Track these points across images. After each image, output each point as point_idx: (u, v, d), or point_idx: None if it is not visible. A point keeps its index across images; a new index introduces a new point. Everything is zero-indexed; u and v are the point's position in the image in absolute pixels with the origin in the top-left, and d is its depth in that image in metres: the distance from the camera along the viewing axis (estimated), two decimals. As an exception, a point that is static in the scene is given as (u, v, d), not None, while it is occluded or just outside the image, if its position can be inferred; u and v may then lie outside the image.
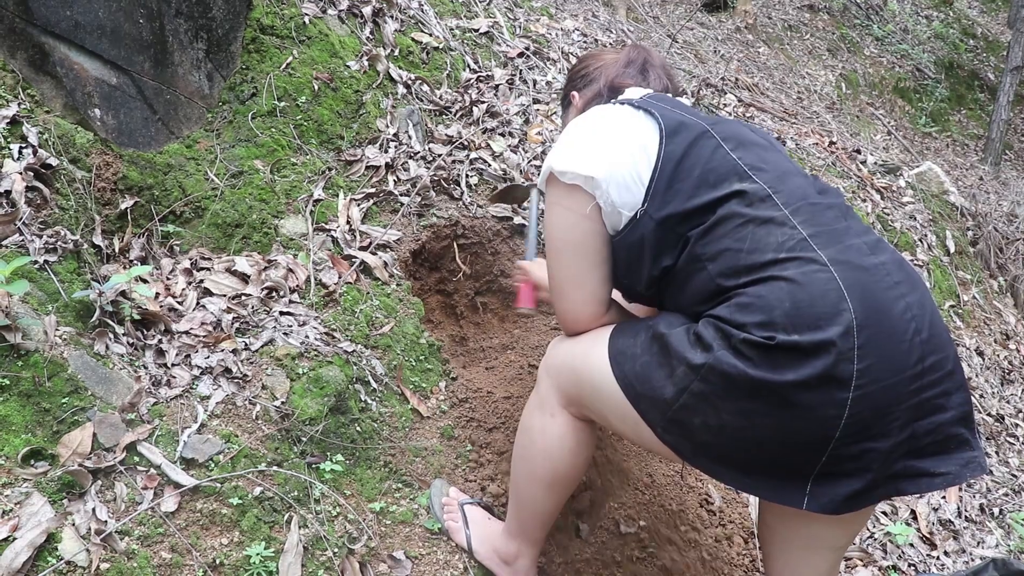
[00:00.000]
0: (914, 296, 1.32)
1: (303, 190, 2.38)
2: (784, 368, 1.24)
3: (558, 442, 1.62)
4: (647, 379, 1.40)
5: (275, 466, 1.72)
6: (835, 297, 1.26)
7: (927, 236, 4.59)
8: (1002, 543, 2.92)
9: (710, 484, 2.40)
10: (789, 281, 1.28)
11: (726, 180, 1.42)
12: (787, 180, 1.44)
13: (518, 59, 3.47)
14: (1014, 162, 10.22)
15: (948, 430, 1.31)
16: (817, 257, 1.31)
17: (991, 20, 13.01)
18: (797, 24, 9.79)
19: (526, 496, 1.71)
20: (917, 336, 1.28)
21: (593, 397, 1.53)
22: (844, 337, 1.23)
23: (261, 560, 1.57)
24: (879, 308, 1.27)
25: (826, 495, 1.28)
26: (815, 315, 1.25)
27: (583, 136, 1.53)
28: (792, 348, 1.23)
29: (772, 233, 1.35)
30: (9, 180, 1.82)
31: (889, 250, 1.39)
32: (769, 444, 1.28)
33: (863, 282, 1.29)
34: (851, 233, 1.38)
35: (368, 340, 2.13)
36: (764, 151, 1.50)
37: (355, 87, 2.69)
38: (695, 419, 1.33)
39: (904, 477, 1.30)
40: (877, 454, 1.26)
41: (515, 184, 2.49)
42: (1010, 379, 4.11)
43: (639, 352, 1.43)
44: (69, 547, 1.42)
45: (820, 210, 1.41)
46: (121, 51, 2.11)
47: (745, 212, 1.38)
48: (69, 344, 1.65)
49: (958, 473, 1.31)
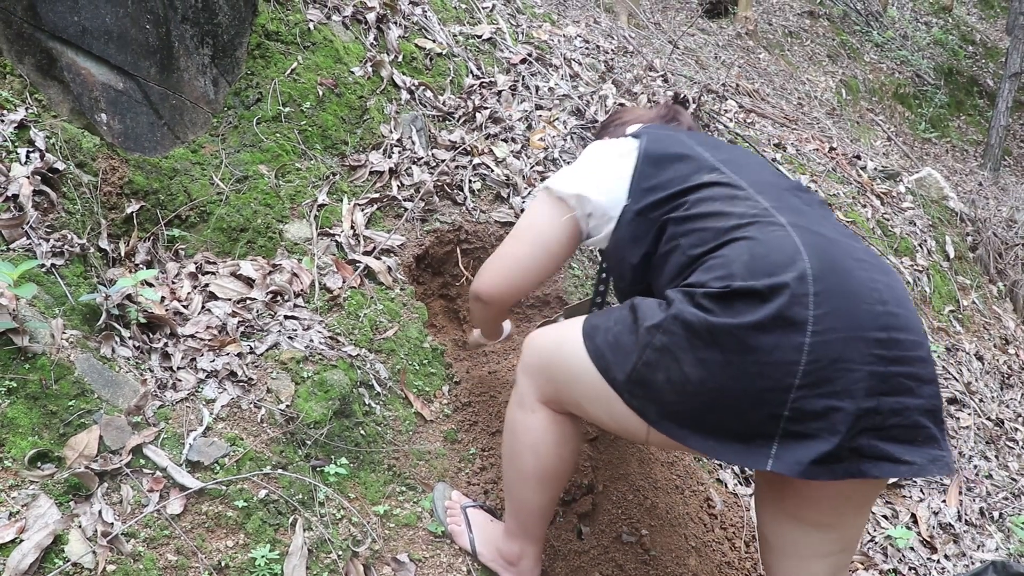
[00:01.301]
0: (883, 277, 1.35)
1: (307, 195, 2.39)
2: (742, 312, 1.27)
3: (541, 436, 1.64)
4: (618, 346, 1.43)
5: (280, 469, 1.73)
6: (791, 250, 1.32)
7: (927, 241, 4.61)
8: (1002, 547, 2.93)
9: (711, 488, 2.41)
10: (749, 239, 1.36)
11: (698, 172, 1.54)
12: (757, 173, 1.56)
13: (521, 65, 3.49)
14: (1013, 167, 10.25)
15: (916, 417, 1.29)
16: (776, 220, 1.39)
17: (990, 27, 13.04)
18: (797, 30, 9.81)
19: (519, 494, 1.73)
20: (881, 305, 1.30)
21: (567, 384, 1.56)
22: (799, 282, 1.27)
23: (266, 562, 1.58)
24: (838, 267, 1.31)
25: (792, 456, 1.26)
26: (771, 263, 1.31)
27: (577, 163, 1.75)
28: (748, 292, 1.28)
29: (736, 209, 1.43)
30: (16, 184, 1.83)
31: (860, 241, 1.44)
32: (731, 395, 1.28)
33: (822, 244, 1.35)
34: (819, 216, 1.47)
35: (372, 344, 2.15)
36: (739, 154, 1.64)
37: (359, 93, 2.71)
38: (658, 375, 1.35)
39: (868, 457, 1.27)
40: (842, 415, 1.24)
41: (544, 321, 2.55)
42: (1009, 384, 4.12)
43: (612, 324, 1.48)
44: (76, 549, 1.42)
45: (787, 195, 1.50)
46: (127, 56, 2.13)
47: (715, 195, 1.48)
48: (76, 347, 1.66)
49: (924, 466, 1.29)
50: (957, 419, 3.53)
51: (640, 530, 2.11)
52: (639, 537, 2.10)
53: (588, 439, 2.24)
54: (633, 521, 2.12)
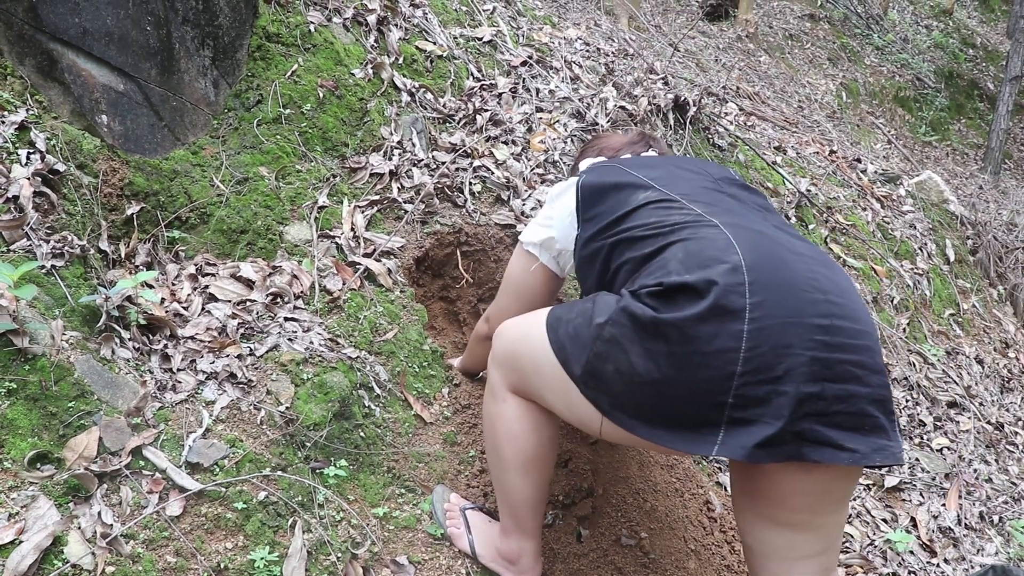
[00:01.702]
0: (823, 269, 1.38)
1: (308, 197, 2.39)
2: (683, 306, 1.32)
3: (516, 425, 1.67)
4: (577, 337, 1.47)
5: (279, 471, 1.73)
6: (723, 244, 1.38)
7: (927, 245, 4.61)
8: (1002, 551, 2.93)
9: (711, 491, 2.41)
10: (683, 241, 1.43)
11: (633, 195, 1.62)
12: (691, 182, 1.65)
13: (521, 68, 3.49)
14: (1013, 171, 10.25)
15: (863, 405, 1.30)
16: (709, 222, 1.45)
17: (990, 30, 13.06)
18: (798, 33, 9.82)
19: (506, 486, 1.74)
20: (821, 294, 1.33)
21: (531, 374, 1.60)
22: (732, 272, 1.32)
23: (265, 564, 1.58)
24: (772, 258, 1.36)
25: (736, 441, 1.29)
26: (704, 257, 1.36)
27: (540, 212, 1.92)
28: (682, 286, 1.33)
29: (671, 220, 1.50)
30: (17, 185, 1.83)
31: (806, 240, 1.49)
32: (676, 385, 1.32)
33: (755, 239, 1.40)
34: (758, 216, 1.54)
35: (372, 346, 2.15)
36: (675, 168, 1.73)
37: (360, 95, 2.71)
38: (608, 366, 1.39)
39: (810, 441, 1.28)
40: (784, 399, 1.26)
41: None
42: (1009, 387, 4.12)
43: (573, 316, 1.52)
44: (75, 550, 1.43)
45: (724, 199, 1.58)
46: (128, 58, 2.13)
47: (651, 211, 1.55)
48: (75, 349, 1.66)
49: (867, 454, 1.29)
50: (957, 423, 3.53)
51: (639, 533, 2.11)
52: (638, 540, 2.10)
53: (588, 443, 2.24)
54: (632, 524, 2.12)
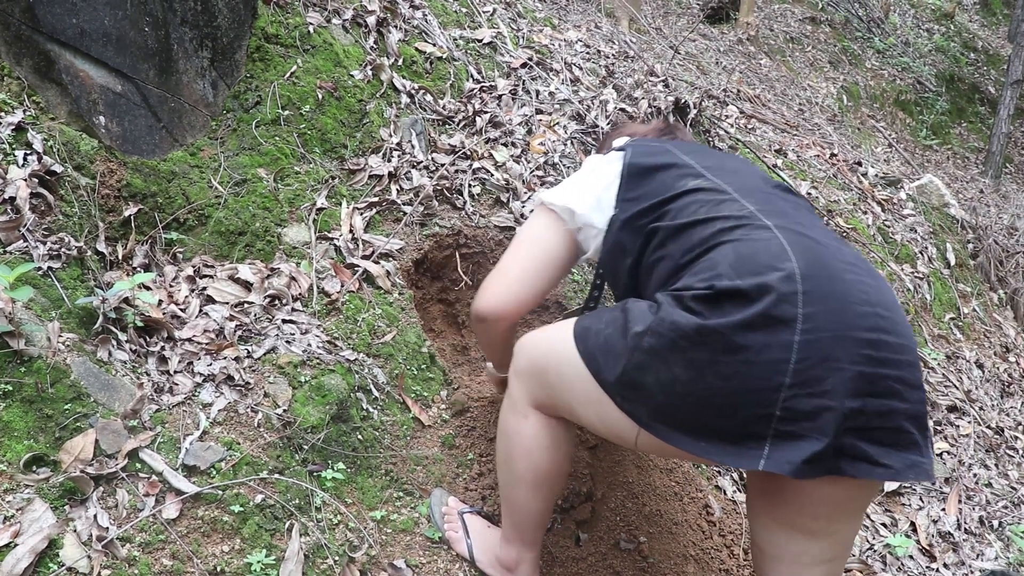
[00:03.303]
0: (871, 280, 1.35)
1: (306, 198, 2.39)
2: (729, 312, 1.27)
3: (534, 442, 1.64)
4: (609, 348, 1.43)
5: (277, 474, 1.72)
6: (777, 250, 1.33)
7: (928, 248, 4.60)
8: (1001, 555, 2.92)
9: (710, 495, 2.40)
10: (734, 242, 1.37)
11: (683, 179, 1.55)
12: (743, 178, 1.57)
13: (521, 69, 3.48)
14: (1014, 175, 10.25)
15: (900, 421, 1.28)
16: (763, 223, 1.40)
17: (992, 34, 13.06)
18: (799, 36, 9.83)
19: (514, 499, 1.73)
20: (870, 307, 1.29)
21: (559, 387, 1.55)
22: (786, 281, 1.27)
23: (262, 568, 1.57)
24: (826, 269, 1.31)
25: (783, 456, 1.25)
26: (757, 263, 1.31)
27: (571, 177, 1.79)
28: (734, 292, 1.27)
29: (723, 213, 1.44)
30: (14, 186, 1.83)
31: (849, 246, 1.44)
32: (721, 396, 1.27)
33: (809, 246, 1.35)
34: (806, 219, 1.47)
35: (370, 349, 2.14)
36: (725, 159, 1.66)
37: (359, 96, 2.70)
38: (648, 377, 1.34)
39: (848, 456, 1.27)
40: (831, 414, 1.23)
41: (581, 307, 2.56)
42: (1010, 392, 4.11)
43: (603, 326, 1.47)
44: (70, 553, 1.42)
45: (774, 199, 1.51)
46: (126, 59, 2.13)
47: (699, 200, 1.49)
48: (72, 350, 1.66)
49: (901, 471, 1.28)
50: (957, 427, 3.52)
51: (638, 537, 2.11)
52: (637, 544, 2.09)
53: (588, 447, 2.23)
54: (631, 528, 2.12)
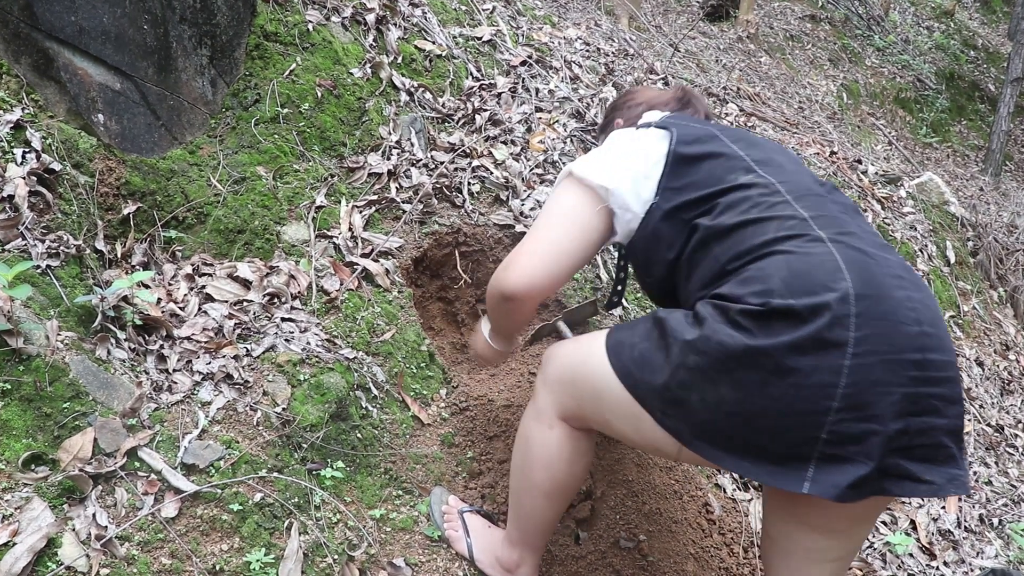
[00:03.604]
0: (918, 294, 1.32)
1: (305, 196, 2.38)
2: (779, 332, 1.24)
3: (556, 452, 1.62)
4: (645, 363, 1.40)
5: (276, 472, 1.72)
6: (832, 267, 1.28)
7: (927, 246, 4.60)
8: (1001, 554, 2.92)
9: (710, 493, 2.40)
10: (787, 253, 1.32)
11: (733, 172, 1.48)
12: (794, 175, 1.49)
13: (521, 67, 3.48)
14: (1014, 173, 10.24)
15: (939, 437, 1.28)
16: (817, 235, 1.34)
17: (992, 32, 13.05)
18: (799, 34, 9.81)
19: (526, 506, 1.71)
20: (917, 326, 1.27)
21: (592, 400, 1.52)
22: (840, 302, 1.24)
23: (261, 566, 1.57)
24: (878, 287, 1.28)
25: (829, 480, 1.24)
26: (812, 282, 1.26)
27: (603, 151, 1.64)
28: (787, 311, 1.24)
29: (775, 216, 1.38)
30: (12, 185, 1.82)
31: (895, 252, 1.40)
32: (768, 418, 1.25)
33: (862, 261, 1.31)
34: (856, 226, 1.41)
35: (369, 347, 2.14)
36: (773, 152, 1.57)
37: (358, 94, 2.70)
38: (692, 396, 1.32)
39: (892, 475, 1.26)
40: (878, 439, 1.22)
41: (542, 325, 2.54)
42: (1010, 390, 4.11)
43: (637, 340, 1.44)
44: (69, 552, 1.42)
45: (825, 202, 1.45)
46: (125, 57, 2.12)
47: (750, 198, 1.42)
48: (71, 349, 1.65)
49: (942, 486, 1.27)
50: (957, 425, 3.51)
51: (638, 535, 2.10)
52: (637, 543, 2.09)
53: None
54: (631, 526, 2.11)
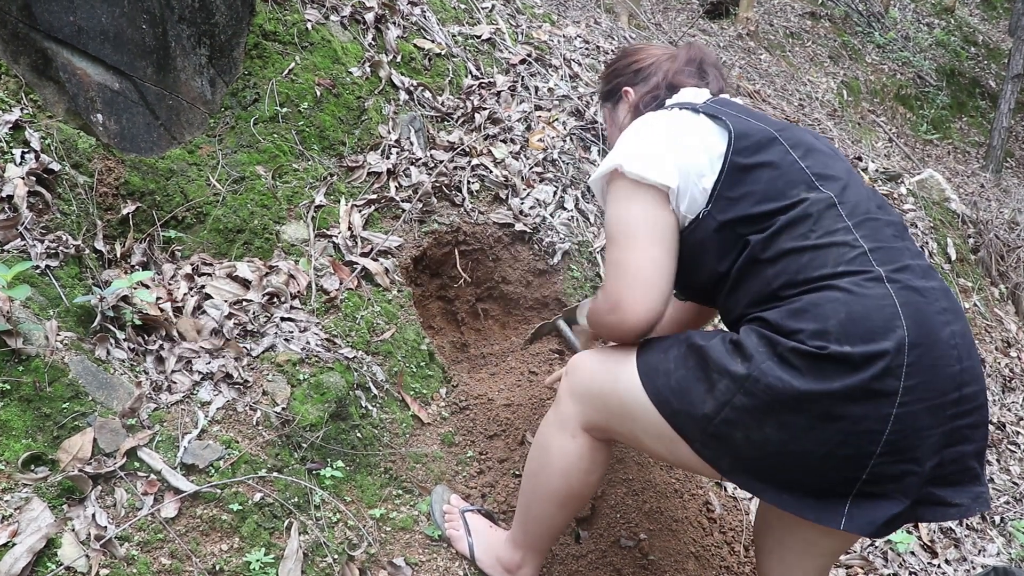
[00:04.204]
0: (958, 325, 1.33)
1: (305, 196, 2.38)
2: (831, 377, 1.24)
3: (576, 462, 1.61)
4: (684, 393, 1.37)
5: (275, 472, 1.72)
6: (890, 313, 1.27)
7: (928, 243, 4.59)
8: (1003, 551, 2.92)
9: (711, 491, 2.39)
10: (845, 291, 1.29)
11: (794, 187, 1.41)
12: (851, 191, 1.44)
13: (520, 66, 3.47)
14: (1015, 169, 10.23)
15: (968, 462, 1.32)
16: (875, 273, 1.31)
17: (992, 28, 13.03)
18: (799, 31, 9.80)
19: (537, 511, 1.70)
20: (959, 364, 1.29)
21: (623, 417, 1.51)
22: (896, 353, 1.24)
23: (261, 566, 1.57)
24: (930, 330, 1.28)
25: (865, 516, 1.28)
26: (869, 328, 1.25)
27: (653, 141, 1.50)
28: (843, 359, 1.24)
29: (834, 244, 1.35)
30: (11, 185, 1.82)
31: (937, 277, 1.39)
32: (811, 459, 1.27)
33: (916, 303, 1.29)
34: (907, 254, 1.39)
35: (369, 346, 2.13)
36: (829, 159, 1.50)
37: (357, 93, 2.70)
38: (737, 433, 1.32)
39: (926, 503, 1.31)
40: (915, 478, 1.27)
41: (542, 323, 2.53)
42: (1011, 387, 4.11)
43: (672, 367, 1.41)
44: (69, 553, 1.41)
45: (881, 226, 1.41)
46: (124, 56, 2.12)
47: (810, 219, 1.37)
48: (70, 349, 1.65)
49: (969, 506, 1.33)
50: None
51: (639, 534, 2.10)
52: (638, 541, 2.09)
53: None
54: (631, 525, 2.11)
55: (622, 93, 1.81)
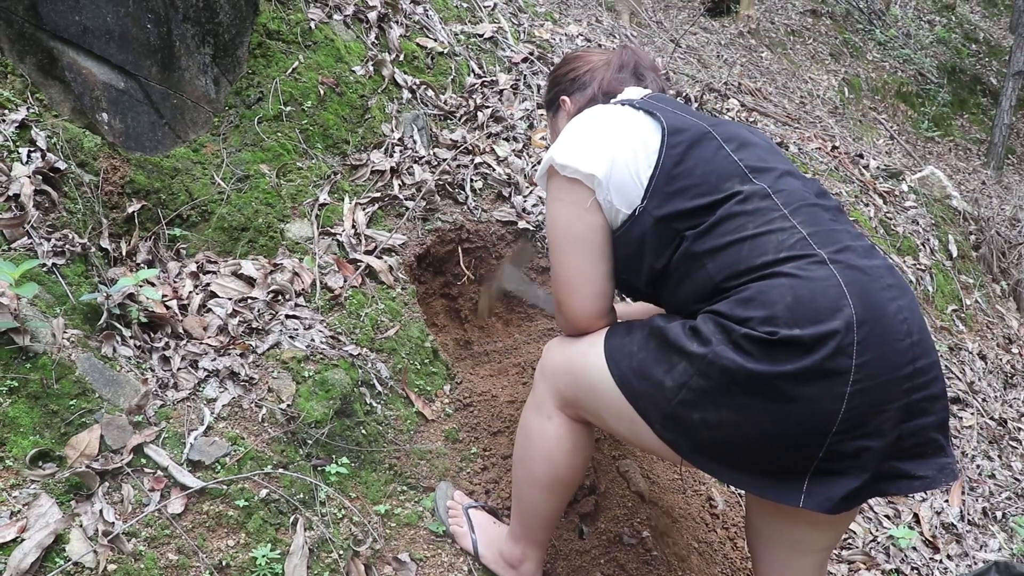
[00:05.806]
0: (905, 300, 1.34)
1: (309, 194, 2.39)
2: (783, 360, 1.25)
3: (556, 444, 1.63)
4: (645, 375, 1.40)
5: (281, 468, 1.73)
6: (835, 293, 1.28)
7: (929, 240, 4.60)
8: (1005, 546, 2.92)
9: (713, 487, 2.40)
10: (790, 276, 1.31)
11: (727, 180, 1.43)
12: (786, 181, 1.47)
13: (522, 64, 3.48)
14: (1016, 166, 10.23)
15: (929, 434, 1.33)
16: (817, 256, 1.33)
17: (993, 25, 13.02)
18: (800, 29, 9.80)
19: (527, 499, 1.72)
20: (909, 338, 1.30)
21: (590, 397, 1.54)
22: (845, 332, 1.25)
23: (267, 562, 1.58)
24: (876, 307, 1.29)
25: (822, 494, 1.29)
26: (816, 310, 1.27)
27: (584, 133, 1.54)
28: (793, 342, 1.25)
29: (772, 232, 1.37)
30: (18, 184, 1.83)
31: (880, 256, 1.42)
32: (767, 439, 1.29)
33: (861, 281, 1.31)
34: (847, 235, 1.41)
35: (373, 343, 2.14)
36: (764, 152, 1.52)
37: (360, 92, 2.71)
38: (694, 414, 1.33)
39: (887, 478, 1.32)
40: (872, 453, 1.27)
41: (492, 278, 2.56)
42: (1013, 383, 4.11)
43: (636, 349, 1.44)
44: (76, 548, 1.43)
45: (818, 211, 1.43)
46: (129, 56, 2.13)
47: (745, 211, 1.40)
48: (77, 347, 1.66)
49: (935, 478, 1.33)
50: (960, 419, 3.52)
51: (641, 530, 2.11)
52: (640, 537, 2.10)
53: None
54: (634, 521, 2.12)
55: (560, 102, 1.82)
